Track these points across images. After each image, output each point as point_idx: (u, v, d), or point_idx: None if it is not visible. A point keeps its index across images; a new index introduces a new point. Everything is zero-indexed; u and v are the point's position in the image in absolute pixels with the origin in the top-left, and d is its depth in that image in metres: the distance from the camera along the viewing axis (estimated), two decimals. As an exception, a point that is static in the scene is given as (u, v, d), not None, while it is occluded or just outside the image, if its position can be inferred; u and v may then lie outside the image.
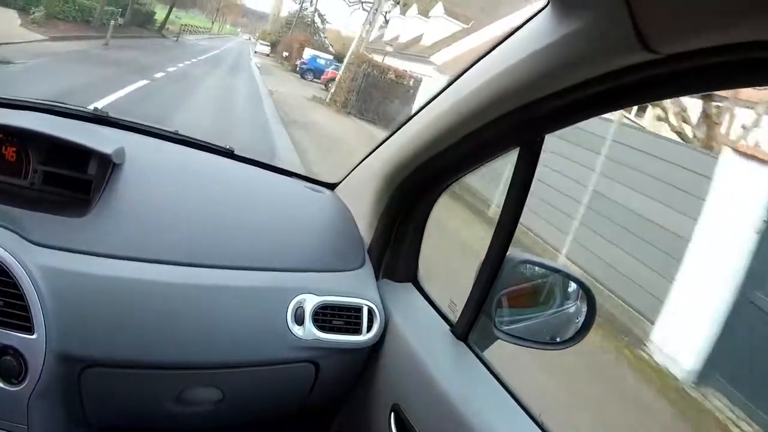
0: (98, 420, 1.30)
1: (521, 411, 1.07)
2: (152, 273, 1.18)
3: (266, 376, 1.29)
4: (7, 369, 1.07)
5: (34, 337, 1.06)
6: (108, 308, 1.13)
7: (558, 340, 1.20)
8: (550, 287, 1.25)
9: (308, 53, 33.01)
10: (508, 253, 1.12)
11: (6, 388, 1.08)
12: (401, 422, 1.21)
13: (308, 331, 1.26)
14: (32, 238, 1.12)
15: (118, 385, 1.22)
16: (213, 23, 65.21)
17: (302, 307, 1.26)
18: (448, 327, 1.26)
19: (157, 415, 1.32)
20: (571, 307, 1.22)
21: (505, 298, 1.18)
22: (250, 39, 64.78)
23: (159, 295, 1.18)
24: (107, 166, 1.26)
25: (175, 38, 30.61)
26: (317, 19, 48.17)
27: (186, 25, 41.20)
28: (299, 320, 1.26)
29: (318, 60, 30.89)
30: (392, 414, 1.24)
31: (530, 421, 1.05)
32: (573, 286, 1.22)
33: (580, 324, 1.16)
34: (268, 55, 45.22)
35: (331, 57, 31.66)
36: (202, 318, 1.20)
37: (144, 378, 1.22)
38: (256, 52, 45.02)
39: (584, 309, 1.17)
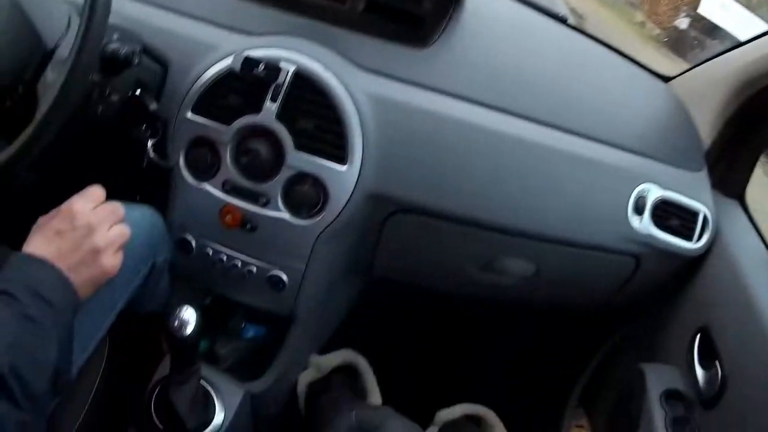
0: (384, 271, 1.26)
1: None
2: (490, 120, 1.10)
3: (584, 260, 1.19)
4: (302, 198, 1.00)
5: (344, 168, 0.98)
6: (434, 150, 1.05)
7: None
8: None
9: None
10: None
11: (293, 221, 1.01)
12: (706, 345, 1.11)
13: (645, 224, 1.15)
14: (362, 62, 1.05)
15: (426, 238, 1.15)
16: None
17: (644, 197, 1.14)
18: None
19: (455, 279, 1.26)
20: None
21: None
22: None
23: (493, 145, 1.09)
24: (447, 3, 1.17)
25: None
26: None
27: None
28: (639, 210, 1.15)
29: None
30: (698, 335, 1.14)
31: None
32: None
33: None
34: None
35: None
36: (537, 181, 1.11)
37: (457, 234, 1.14)
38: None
39: None
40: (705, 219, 1.18)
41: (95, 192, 0.82)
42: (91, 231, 0.77)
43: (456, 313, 1.72)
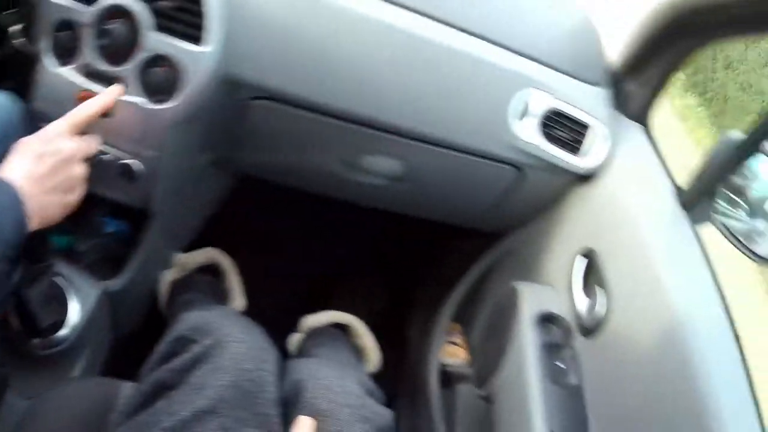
0: (247, 165, 1.22)
1: (729, 330, 0.90)
2: (374, 10, 1.03)
3: (459, 165, 1.14)
4: (155, 82, 0.95)
5: (201, 49, 0.93)
6: (300, 34, 1.00)
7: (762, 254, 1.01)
8: None
9: None
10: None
11: (148, 105, 0.96)
12: (590, 270, 1.08)
13: (529, 131, 1.09)
14: None
15: (288, 130, 1.11)
16: None
17: (531, 102, 1.08)
18: (671, 188, 1.08)
19: (321, 177, 1.22)
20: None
21: (734, 188, 1.01)
22: None
23: (366, 32, 1.03)
24: None
25: None
26: None
27: None
28: (523, 117, 1.09)
29: None
30: (582, 259, 1.10)
31: (735, 346, 0.88)
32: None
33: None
34: None
35: None
36: (415, 74, 1.05)
37: (321, 126, 1.08)
38: None
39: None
40: (596, 135, 1.13)
41: (79, 117, 0.85)
42: (72, 159, 0.81)
43: (330, 219, 1.69)
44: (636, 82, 1.20)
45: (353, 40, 1.03)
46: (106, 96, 0.91)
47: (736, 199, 1.05)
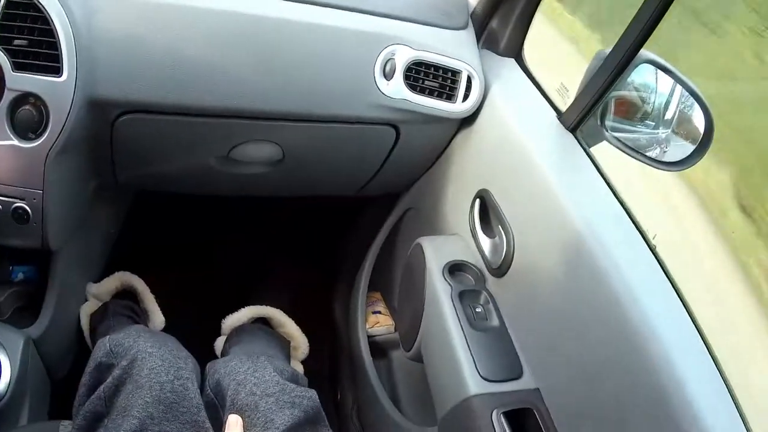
0: (129, 181, 1.19)
1: (631, 225, 0.90)
2: (213, 0, 1.00)
3: (335, 137, 1.13)
4: (25, 121, 0.94)
5: (61, 79, 0.93)
6: (149, 40, 0.98)
7: (668, 160, 1.03)
8: (668, 101, 1.05)
9: None
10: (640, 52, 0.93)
11: (21, 145, 0.95)
12: (486, 210, 1.08)
13: (397, 87, 1.08)
14: None
15: (160, 137, 1.09)
16: None
17: (393, 59, 1.07)
18: (554, 114, 1.08)
19: (202, 176, 1.20)
20: (687, 128, 1.03)
21: (619, 101, 1.03)
22: None
23: (218, 26, 1.00)
24: None
25: None
26: None
27: None
28: (388, 75, 1.08)
29: None
30: (478, 200, 1.10)
31: (640, 238, 0.88)
32: (696, 106, 1.01)
33: (692, 149, 0.99)
34: None
35: None
36: (270, 57, 1.03)
37: (190, 127, 1.07)
38: None
39: (701, 132, 0.99)
40: (470, 78, 1.12)
41: None
42: None
43: (234, 217, 1.68)
44: (498, 19, 1.20)
45: (200, 36, 1.00)
46: None
47: (629, 114, 1.07)
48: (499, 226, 1.04)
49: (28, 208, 1.02)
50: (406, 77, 1.09)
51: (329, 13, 1.06)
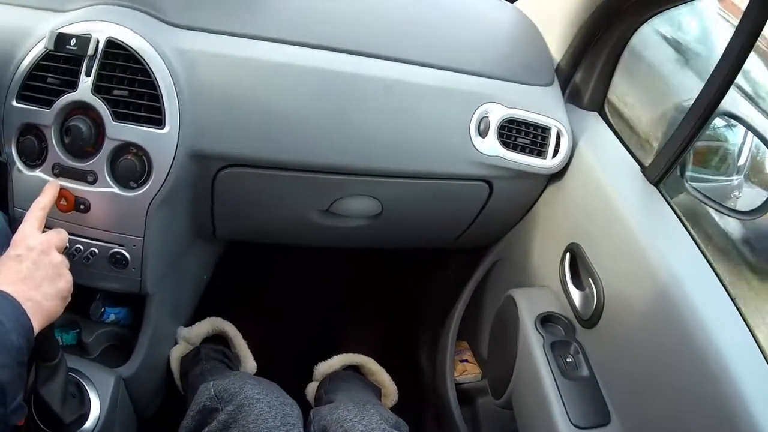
0: (228, 232, 1.22)
1: (715, 279, 0.92)
2: (314, 59, 1.04)
3: (433, 192, 1.16)
4: (126, 170, 0.96)
5: (164, 131, 0.95)
6: (255, 98, 1.01)
7: (743, 209, 1.05)
8: (740, 148, 1.10)
9: None
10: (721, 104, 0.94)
11: (122, 193, 0.97)
12: (579, 264, 1.10)
13: (491, 145, 1.12)
14: (174, 20, 1.00)
15: (261, 190, 1.12)
16: None
17: (487, 117, 1.11)
18: (638, 167, 1.10)
19: (300, 229, 1.23)
20: (760, 176, 1.08)
21: (695, 151, 1.05)
22: None
23: (319, 84, 1.04)
24: None
25: None
26: None
27: None
28: (483, 133, 1.11)
29: None
30: (569, 254, 1.13)
31: (725, 294, 0.90)
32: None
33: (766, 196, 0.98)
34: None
35: None
36: (371, 115, 1.06)
37: (291, 182, 1.10)
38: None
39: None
40: (559, 134, 1.16)
41: (36, 214, 0.87)
42: (47, 250, 0.82)
43: (320, 266, 1.71)
44: (581, 73, 1.23)
45: (294, 93, 1.04)
46: (48, 191, 0.93)
47: (705, 162, 1.11)
48: (589, 279, 1.07)
49: (127, 254, 1.04)
50: (499, 134, 1.13)
51: (426, 72, 1.10)
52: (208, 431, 0.90)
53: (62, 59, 0.95)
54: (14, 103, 0.96)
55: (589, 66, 1.23)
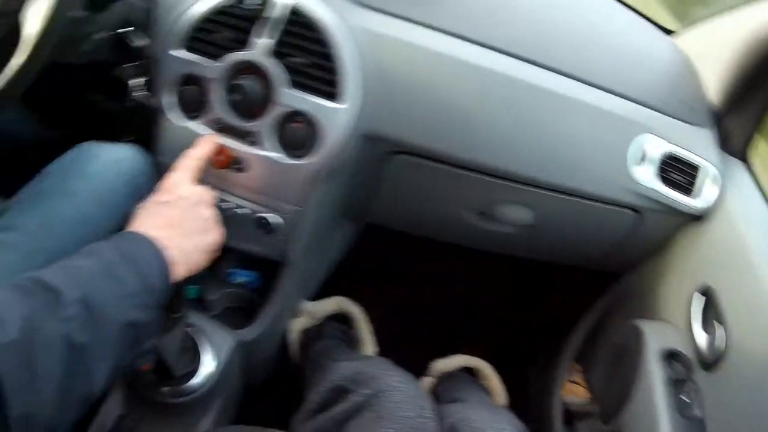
0: (380, 217, 1.24)
1: None
2: (496, 63, 1.07)
3: (583, 211, 1.17)
4: (293, 137, 0.96)
5: (339, 106, 0.94)
6: (435, 90, 1.03)
7: None
8: None
9: None
10: None
11: (286, 160, 0.97)
12: (708, 307, 1.09)
13: (648, 176, 1.12)
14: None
15: (425, 181, 1.14)
16: None
17: (647, 147, 1.11)
18: None
19: (453, 226, 1.25)
20: None
21: None
22: None
23: (497, 88, 1.06)
24: None
25: None
26: None
27: None
28: (640, 162, 1.12)
29: None
30: (699, 295, 1.11)
31: None
32: None
33: None
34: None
35: None
36: (539, 125, 1.08)
37: (456, 178, 1.12)
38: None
39: None
40: (707, 176, 1.15)
41: (191, 164, 0.86)
42: (199, 203, 0.80)
43: (452, 263, 1.71)
44: (735, 119, 1.21)
45: (473, 92, 1.06)
46: (207, 143, 0.92)
47: None
48: (716, 323, 1.05)
49: (276, 220, 1.03)
50: (660, 169, 1.12)
51: (590, 91, 1.11)
52: (340, 409, 0.89)
53: (237, 16, 0.95)
54: (177, 52, 0.96)
55: (741, 112, 1.20)
